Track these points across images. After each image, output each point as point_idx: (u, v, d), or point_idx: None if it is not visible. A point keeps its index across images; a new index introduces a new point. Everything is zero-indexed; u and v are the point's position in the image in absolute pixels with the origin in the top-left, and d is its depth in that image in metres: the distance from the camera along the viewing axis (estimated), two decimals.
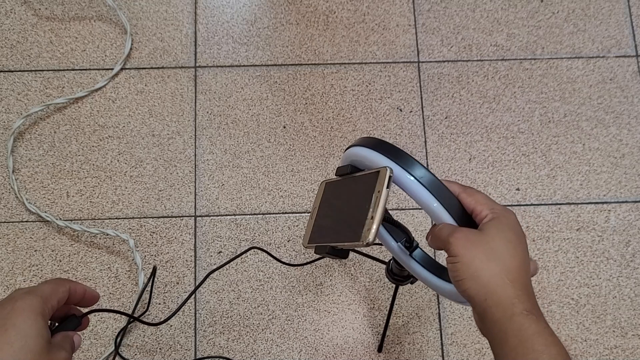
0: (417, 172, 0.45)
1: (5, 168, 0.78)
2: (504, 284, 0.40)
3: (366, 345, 0.75)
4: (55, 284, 0.42)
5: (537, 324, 0.38)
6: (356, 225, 0.45)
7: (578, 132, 0.83)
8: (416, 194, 0.45)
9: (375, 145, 0.47)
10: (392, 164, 0.46)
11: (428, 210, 0.46)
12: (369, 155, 0.47)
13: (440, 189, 0.45)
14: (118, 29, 0.84)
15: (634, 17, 0.87)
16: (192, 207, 0.78)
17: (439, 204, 0.45)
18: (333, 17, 0.86)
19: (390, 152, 0.46)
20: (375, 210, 0.44)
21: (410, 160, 0.46)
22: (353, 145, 0.50)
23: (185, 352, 0.74)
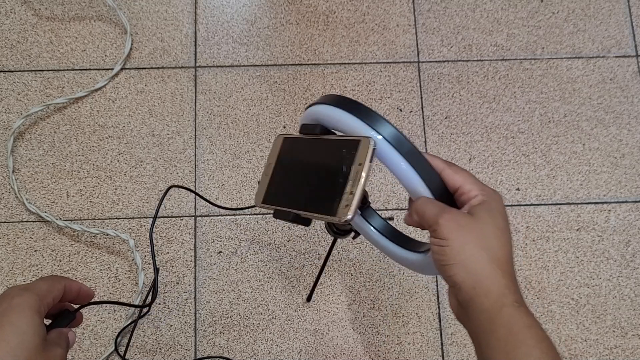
0: (400, 144, 0.41)
1: (5, 168, 0.78)
2: (495, 273, 0.38)
3: (366, 345, 0.75)
4: (51, 282, 0.42)
5: (527, 317, 0.37)
6: (330, 197, 0.41)
7: (578, 132, 0.83)
8: (396, 167, 0.42)
9: (352, 108, 0.43)
10: (373, 134, 0.41)
11: (407, 185, 0.42)
12: (345, 119, 0.43)
13: (422, 163, 0.41)
14: (118, 29, 0.84)
15: (634, 17, 0.87)
16: (192, 207, 0.78)
17: (420, 178, 0.41)
18: (333, 17, 0.86)
19: (372, 120, 0.42)
20: (356, 186, 0.40)
21: (392, 130, 0.41)
22: (321, 102, 0.45)
23: (185, 352, 0.74)
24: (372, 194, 0.80)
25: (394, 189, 0.80)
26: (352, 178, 0.40)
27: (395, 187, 0.80)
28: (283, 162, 0.48)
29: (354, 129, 0.42)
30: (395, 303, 0.76)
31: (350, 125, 0.42)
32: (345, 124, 0.43)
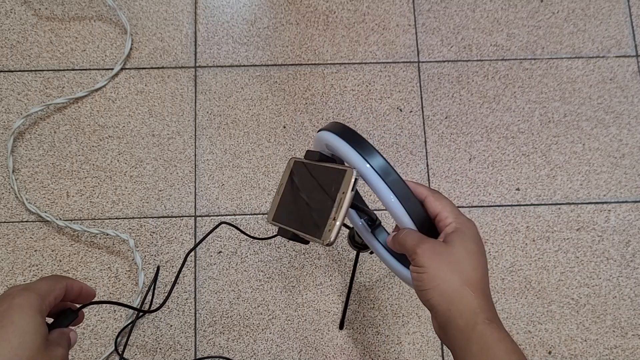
0: (386, 173, 0.46)
1: (5, 168, 0.78)
2: (467, 294, 0.41)
3: (366, 344, 0.75)
4: (53, 281, 0.42)
5: (498, 332, 0.40)
6: (319, 220, 0.46)
7: (578, 132, 0.83)
8: (381, 195, 0.46)
9: (350, 139, 0.47)
10: (361, 163, 0.46)
11: (391, 211, 0.46)
12: (342, 148, 0.47)
13: (405, 192, 0.46)
14: (118, 29, 0.84)
15: (634, 17, 0.87)
16: (192, 207, 0.78)
17: (402, 207, 0.45)
18: (333, 17, 0.86)
19: (362, 149, 0.47)
20: (338, 212, 0.44)
21: (378, 159, 0.46)
22: (327, 129, 0.50)
23: (185, 352, 0.74)
24: (372, 194, 0.80)
25: None
26: (336, 205, 0.45)
27: None
28: (290, 183, 0.53)
29: (347, 157, 0.47)
30: (395, 303, 0.76)
31: (346, 154, 0.47)
32: (342, 151, 0.47)
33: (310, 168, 0.51)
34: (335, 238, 0.44)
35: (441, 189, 0.80)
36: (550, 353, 0.75)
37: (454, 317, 0.41)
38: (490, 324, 0.40)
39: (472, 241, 0.44)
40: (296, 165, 0.53)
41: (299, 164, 0.53)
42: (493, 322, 0.40)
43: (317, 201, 0.48)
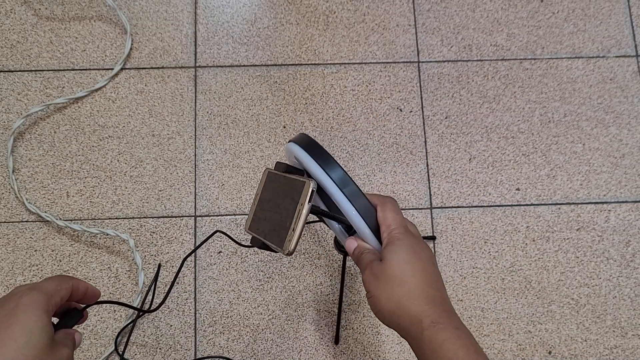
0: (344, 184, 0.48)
1: (5, 168, 0.78)
2: (409, 305, 0.43)
3: (366, 344, 0.75)
4: (59, 281, 0.42)
5: (444, 332, 0.41)
6: (282, 231, 0.48)
7: (578, 132, 0.83)
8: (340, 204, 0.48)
9: (312, 151, 0.49)
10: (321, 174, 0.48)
11: (350, 220, 0.49)
12: (305, 160, 0.49)
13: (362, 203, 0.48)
14: (118, 29, 0.84)
15: (634, 17, 0.87)
16: (192, 207, 0.78)
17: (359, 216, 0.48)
18: (333, 17, 0.86)
19: (323, 161, 0.49)
20: (297, 223, 0.46)
21: (338, 171, 0.48)
22: (294, 141, 0.52)
23: (185, 352, 0.74)
24: None
25: (394, 188, 0.80)
26: (295, 216, 0.47)
27: (395, 187, 0.80)
28: (264, 194, 0.55)
29: (309, 169, 0.49)
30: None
31: (307, 165, 0.49)
32: (305, 163, 0.50)
33: (279, 179, 0.52)
34: (294, 248, 0.47)
35: (441, 189, 0.80)
36: (550, 353, 0.75)
37: (405, 330, 0.43)
38: (436, 326, 0.41)
39: (406, 250, 0.45)
40: (269, 176, 0.55)
41: (271, 174, 0.54)
42: (439, 322, 0.41)
43: (281, 213, 0.50)
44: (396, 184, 0.80)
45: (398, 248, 0.45)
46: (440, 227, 0.79)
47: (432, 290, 0.44)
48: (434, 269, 0.46)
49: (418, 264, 0.45)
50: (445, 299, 0.45)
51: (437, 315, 0.42)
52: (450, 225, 0.79)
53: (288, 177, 0.50)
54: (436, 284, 0.45)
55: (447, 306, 0.44)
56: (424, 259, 0.46)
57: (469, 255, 0.78)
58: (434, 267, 0.46)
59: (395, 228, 0.47)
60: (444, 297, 0.45)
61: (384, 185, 0.80)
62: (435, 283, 0.45)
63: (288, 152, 0.53)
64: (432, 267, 0.46)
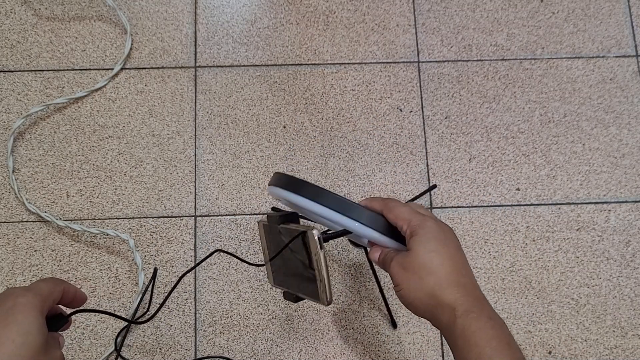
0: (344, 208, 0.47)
1: (5, 168, 0.78)
2: (441, 294, 0.42)
3: (366, 344, 0.75)
4: (52, 284, 0.42)
5: (477, 321, 0.40)
6: (311, 284, 0.47)
7: (578, 132, 0.83)
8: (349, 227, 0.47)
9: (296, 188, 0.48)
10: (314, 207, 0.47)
11: (363, 235, 0.48)
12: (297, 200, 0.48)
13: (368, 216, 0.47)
14: (118, 29, 0.84)
15: (634, 17, 0.87)
16: (192, 207, 0.78)
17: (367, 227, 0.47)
18: (333, 17, 0.86)
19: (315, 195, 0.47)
20: (322, 273, 0.46)
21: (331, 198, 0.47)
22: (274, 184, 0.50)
23: (185, 352, 0.74)
24: (372, 194, 0.80)
25: (394, 188, 0.80)
26: (316, 267, 0.46)
27: (395, 187, 0.80)
28: (270, 246, 0.54)
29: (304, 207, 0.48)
30: (395, 303, 0.76)
31: (301, 205, 0.48)
32: (298, 203, 0.48)
33: (277, 231, 0.51)
34: (331, 297, 0.46)
35: (441, 189, 0.80)
36: (550, 353, 0.75)
37: (438, 320, 0.43)
38: (469, 315, 0.41)
39: (432, 239, 0.44)
40: (266, 229, 0.53)
41: (267, 227, 0.53)
42: (471, 311, 0.41)
43: (299, 262, 0.49)
44: (396, 184, 0.80)
45: (423, 237, 0.44)
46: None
47: (463, 278, 0.43)
48: (461, 254, 0.45)
49: (445, 251, 0.44)
50: (475, 286, 0.44)
51: (470, 304, 0.41)
52: (450, 225, 0.79)
53: (288, 229, 0.49)
54: (465, 270, 0.44)
55: (478, 293, 0.43)
56: (450, 245, 0.45)
57: (469, 255, 0.78)
58: (461, 252, 0.45)
59: (411, 219, 0.46)
60: (474, 283, 0.44)
61: (384, 185, 0.80)
62: (464, 269, 0.44)
63: (272, 195, 0.52)
64: (459, 252, 0.45)
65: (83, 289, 0.75)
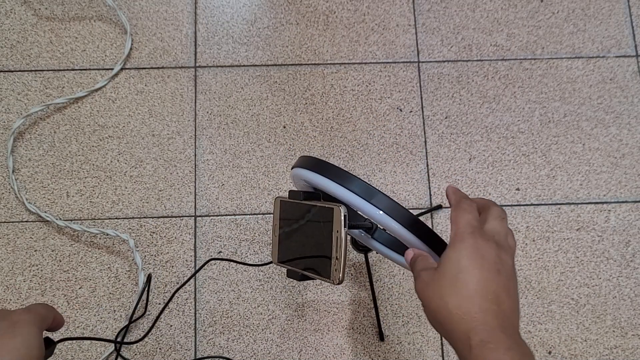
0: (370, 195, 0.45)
1: (5, 168, 0.78)
2: (458, 319, 0.39)
3: (366, 345, 0.75)
4: (47, 310, 0.45)
5: (493, 353, 0.37)
6: (323, 260, 0.46)
7: (578, 132, 0.83)
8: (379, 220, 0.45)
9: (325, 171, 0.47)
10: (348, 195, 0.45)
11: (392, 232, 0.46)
12: (323, 183, 0.47)
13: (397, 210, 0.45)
14: (118, 29, 0.84)
15: (634, 17, 0.87)
16: (192, 207, 0.78)
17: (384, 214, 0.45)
18: (333, 17, 0.86)
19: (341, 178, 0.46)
20: (339, 251, 0.45)
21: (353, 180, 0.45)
22: (300, 165, 0.49)
23: (185, 352, 0.74)
24: None
25: (394, 188, 0.80)
26: (334, 244, 0.45)
27: (395, 187, 0.80)
28: (284, 223, 0.53)
29: (330, 190, 0.47)
30: (395, 303, 0.76)
31: (327, 188, 0.47)
32: (324, 186, 0.47)
33: (298, 207, 0.50)
34: (343, 276, 0.45)
35: (441, 189, 0.80)
36: (550, 353, 0.75)
37: (454, 343, 0.40)
38: (486, 345, 0.37)
39: (465, 257, 0.41)
40: (284, 205, 0.53)
41: (286, 203, 0.52)
42: (488, 342, 0.37)
43: (314, 240, 0.48)
44: (396, 184, 0.80)
45: (456, 253, 0.41)
46: (440, 227, 0.79)
47: (486, 303, 0.39)
48: (495, 277, 0.40)
49: (475, 272, 0.40)
50: (503, 313, 0.39)
51: (487, 333, 0.38)
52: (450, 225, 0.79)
53: (311, 205, 0.48)
54: (494, 295, 0.39)
55: (502, 322, 0.39)
56: (485, 266, 0.40)
57: None
58: (496, 275, 0.40)
59: (461, 227, 0.42)
60: (502, 310, 0.39)
61: (384, 185, 0.80)
62: (493, 294, 0.39)
63: (296, 177, 0.51)
64: (494, 275, 0.40)
65: (83, 289, 0.75)
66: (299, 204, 0.50)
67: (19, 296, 0.74)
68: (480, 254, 0.41)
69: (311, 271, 0.49)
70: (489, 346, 0.37)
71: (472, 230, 0.42)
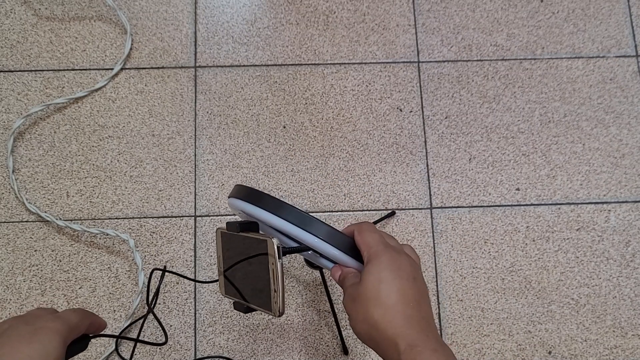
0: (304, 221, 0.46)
1: (5, 168, 0.78)
2: (384, 327, 0.41)
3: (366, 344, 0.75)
4: (82, 317, 0.44)
5: (421, 355, 0.39)
6: (264, 294, 0.47)
7: (578, 132, 0.83)
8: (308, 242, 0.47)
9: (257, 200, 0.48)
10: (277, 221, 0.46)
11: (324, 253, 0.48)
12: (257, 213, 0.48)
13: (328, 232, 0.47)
14: (118, 29, 0.84)
15: (634, 17, 0.87)
16: (192, 207, 0.78)
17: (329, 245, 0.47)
18: (333, 17, 0.86)
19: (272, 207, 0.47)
20: (277, 284, 0.45)
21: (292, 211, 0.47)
22: (235, 196, 0.50)
23: (185, 352, 0.74)
24: (373, 194, 0.80)
25: (394, 188, 0.80)
26: (272, 277, 0.46)
27: (395, 187, 0.80)
28: (226, 255, 0.53)
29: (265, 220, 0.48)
30: None
31: (261, 218, 0.48)
32: (258, 216, 0.48)
33: (236, 239, 0.51)
34: (283, 307, 0.46)
35: (441, 189, 0.80)
36: (550, 353, 0.75)
37: (382, 353, 0.42)
38: (412, 350, 0.40)
39: (384, 269, 0.43)
40: (224, 237, 0.53)
41: (225, 235, 0.52)
42: (415, 345, 0.40)
43: (254, 272, 0.48)
44: (396, 184, 0.80)
45: (375, 267, 0.44)
46: (440, 227, 0.79)
47: (409, 310, 0.42)
48: (412, 285, 0.43)
49: (395, 282, 0.43)
50: (424, 318, 0.42)
51: (413, 337, 0.40)
52: (450, 225, 0.79)
53: (246, 237, 0.49)
54: (415, 301, 0.43)
55: (425, 325, 0.42)
56: (403, 275, 0.43)
57: (469, 255, 0.78)
58: (413, 283, 0.43)
59: (373, 245, 0.45)
60: (423, 315, 0.42)
61: (384, 185, 0.80)
62: (414, 301, 0.43)
63: (232, 207, 0.52)
64: (412, 283, 0.43)
65: (83, 289, 0.75)
66: (236, 236, 0.50)
67: (19, 296, 0.75)
68: (396, 265, 0.44)
69: (254, 303, 0.49)
70: (416, 349, 0.39)
71: (385, 246, 0.45)
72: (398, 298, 0.42)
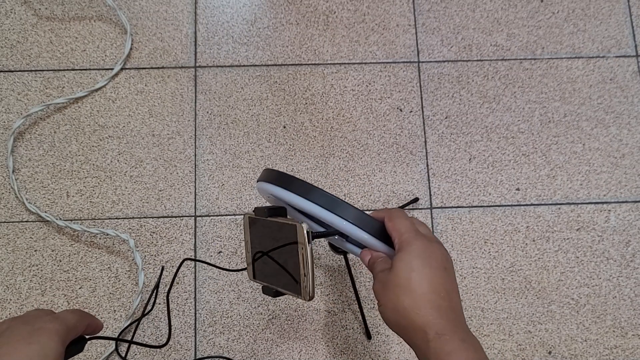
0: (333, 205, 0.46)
1: (5, 168, 0.78)
2: (413, 315, 0.42)
3: (366, 344, 0.75)
4: (80, 317, 0.44)
5: (450, 344, 0.40)
6: (293, 278, 0.47)
7: (578, 132, 0.83)
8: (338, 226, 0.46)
9: (287, 184, 0.48)
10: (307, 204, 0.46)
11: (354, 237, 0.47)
12: (287, 197, 0.48)
13: (358, 215, 0.46)
14: (118, 29, 0.84)
15: (634, 17, 0.87)
16: (192, 207, 0.78)
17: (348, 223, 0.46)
18: (333, 17, 0.86)
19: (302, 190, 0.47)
20: (307, 268, 0.45)
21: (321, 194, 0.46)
22: (263, 179, 0.50)
23: (185, 352, 0.74)
24: (373, 194, 0.80)
25: (394, 188, 0.80)
26: (301, 261, 0.46)
27: (395, 187, 0.80)
28: (254, 241, 0.53)
29: (293, 204, 0.47)
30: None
31: (290, 201, 0.48)
32: (287, 199, 0.48)
33: (264, 225, 0.51)
34: (313, 292, 0.46)
35: (441, 189, 0.80)
36: (550, 353, 0.75)
37: (411, 341, 0.42)
38: (441, 337, 0.40)
39: (415, 258, 0.44)
40: (252, 222, 0.53)
41: (253, 220, 0.53)
42: (444, 334, 0.40)
43: (283, 257, 0.49)
44: (396, 184, 0.80)
45: (407, 255, 0.44)
46: (440, 227, 0.79)
47: (439, 299, 0.42)
48: (443, 274, 0.44)
49: (426, 271, 0.43)
50: (453, 308, 0.43)
51: (442, 326, 0.41)
52: (450, 225, 0.79)
53: (276, 222, 0.49)
54: (445, 292, 0.43)
55: (454, 315, 0.43)
56: (434, 265, 0.44)
57: (469, 255, 0.78)
58: (443, 273, 0.44)
59: (404, 232, 0.45)
60: (452, 306, 0.43)
61: (384, 185, 0.80)
62: (444, 291, 0.43)
63: (261, 191, 0.52)
64: (442, 272, 0.44)
65: (83, 289, 0.75)
66: (264, 221, 0.50)
67: (19, 296, 0.75)
68: (428, 253, 0.44)
69: (284, 287, 0.49)
70: (444, 338, 0.40)
71: (416, 234, 0.46)
72: (428, 287, 0.43)
